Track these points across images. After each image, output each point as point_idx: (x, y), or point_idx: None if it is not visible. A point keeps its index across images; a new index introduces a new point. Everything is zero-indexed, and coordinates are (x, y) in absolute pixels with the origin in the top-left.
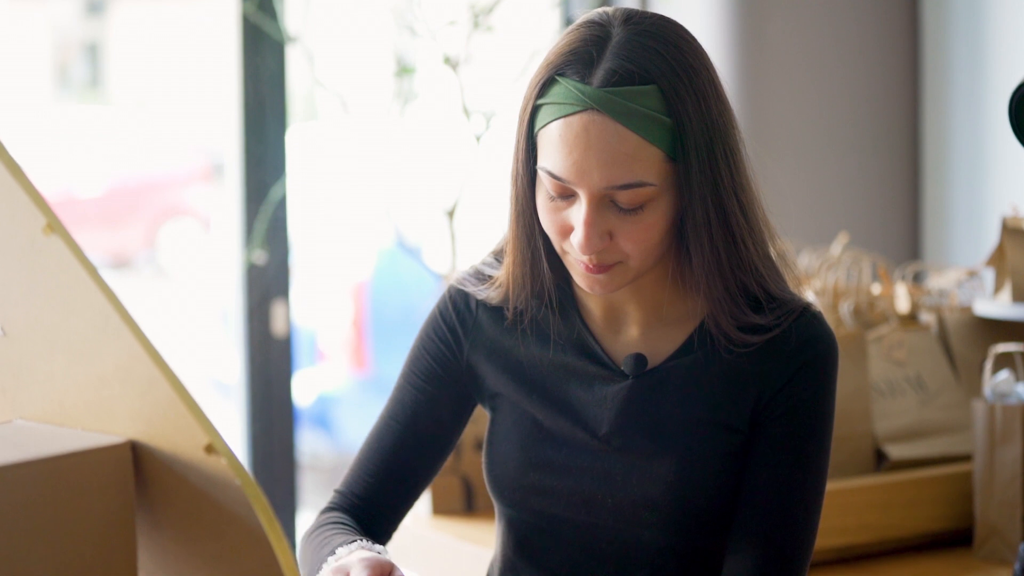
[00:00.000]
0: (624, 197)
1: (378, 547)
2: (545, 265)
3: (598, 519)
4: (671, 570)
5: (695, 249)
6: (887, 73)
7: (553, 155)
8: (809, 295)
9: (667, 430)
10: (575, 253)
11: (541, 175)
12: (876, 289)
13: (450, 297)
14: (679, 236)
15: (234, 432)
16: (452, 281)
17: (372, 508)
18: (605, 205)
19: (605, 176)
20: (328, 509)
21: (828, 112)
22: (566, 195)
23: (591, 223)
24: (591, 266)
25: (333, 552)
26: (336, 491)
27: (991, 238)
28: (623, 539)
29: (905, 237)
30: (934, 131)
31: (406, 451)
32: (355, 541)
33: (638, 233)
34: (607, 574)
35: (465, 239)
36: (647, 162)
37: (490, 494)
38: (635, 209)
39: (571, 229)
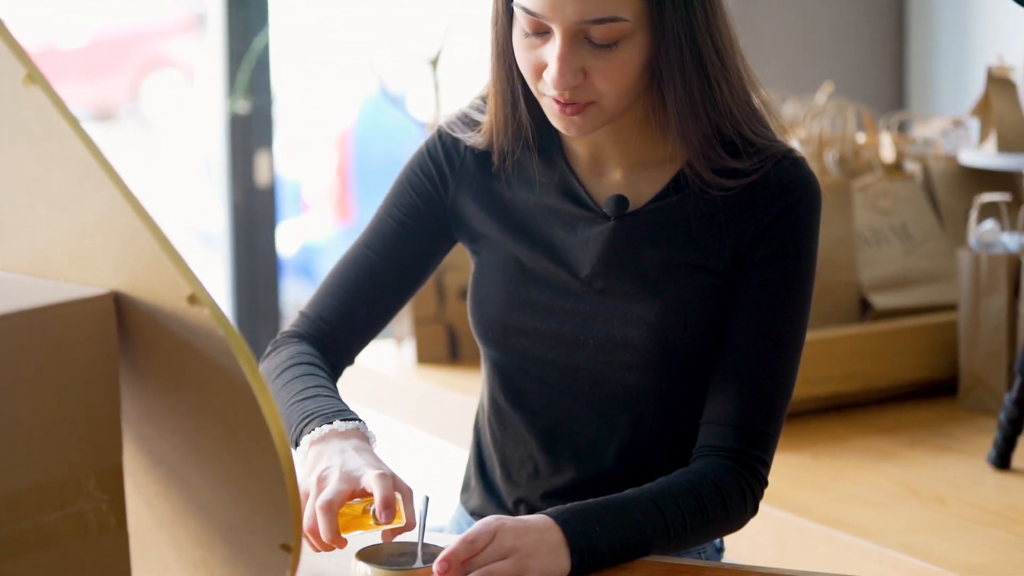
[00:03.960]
0: (598, 32)
1: (370, 430)
2: (523, 107)
3: (580, 361)
4: (652, 414)
5: (668, 90)
6: None
7: None
8: (794, 144)
9: (648, 273)
10: (549, 91)
11: (517, 12)
12: (861, 138)
13: (439, 136)
14: (654, 78)
15: (217, 283)
16: (441, 123)
17: (337, 334)
18: (579, 42)
19: (578, 10)
20: (293, 335)
21: None
22: (541, 31)
23: (564, 58)
24: (565, 105)
25: (318, 420)
26: (302, 313)
27: (976, 87)
28: (605, 381)
29: (890, 86)
30: None
31: (377, 281)
32: (354, 420)
33: (612, 71)
34: (590, 417)
35: (448, 87)
36: None
37: (475, 336)
38: (609, 46)
39: (545, 67)
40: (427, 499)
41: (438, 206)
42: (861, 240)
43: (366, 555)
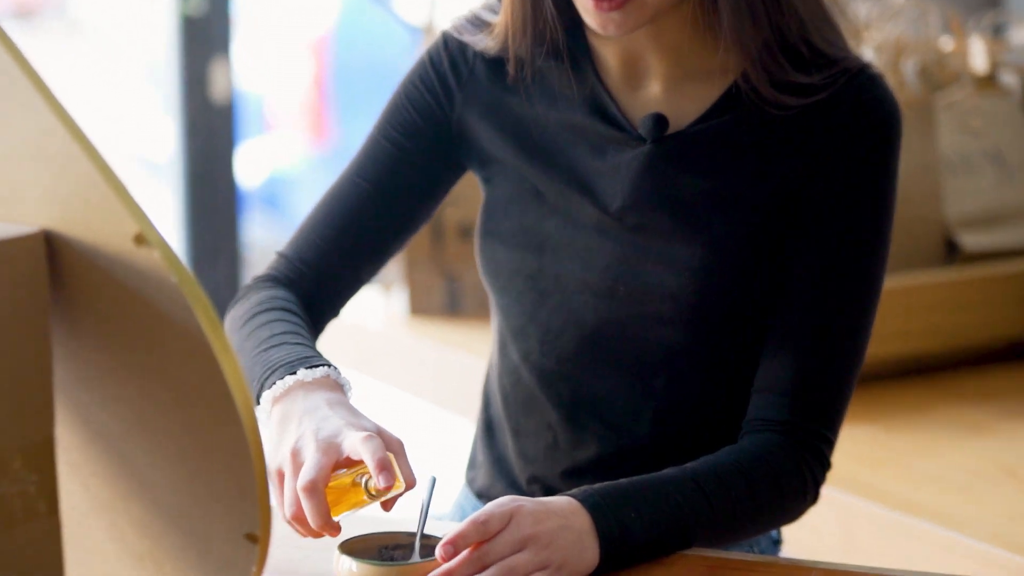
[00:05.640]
0: None
1: (342, 376)
2: (549, 3)
3: (609, 313)
4: (692, 378)
5: None
6: None
7: None
8: (867, 52)
9: (692, 207)
10: None
11: None
12: (947, 44)
13: (444, 42)
14: None
15: (168, 219)
16: (447, 27)
17: (321, 279)
18: None
19: None
20: (268, 279)
21: None
22: None
23: None
24: None
25: (280, 371)
26: (280, 255)
27: None
28: (637, 337)
29: None
30: None
31: (370, 215)
32: (321, 366)
33: None
34: (619, 381)
35: None
36: None
37: (483, 282)
38: None
39: None
40: (434, 479)
41: (442, 124)
42: (947, 168)
43: (351, 548)
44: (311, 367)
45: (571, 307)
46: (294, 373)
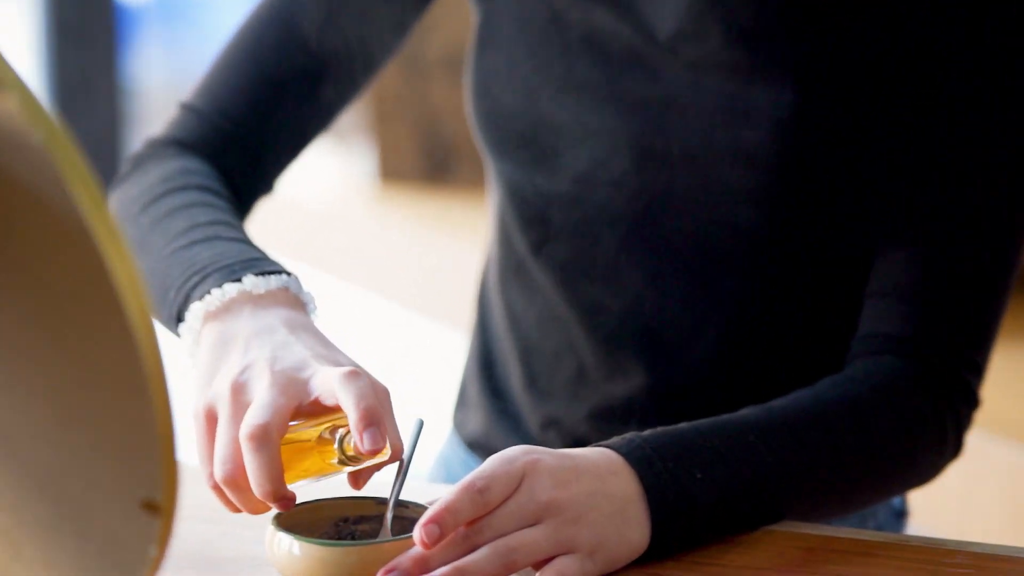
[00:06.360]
0: None
1: (305, 290)
2: None
3: (658, 184)
4: (773, 278)
5: None
6: None
7: None
8: None
9: (775, 35)
10: None
11: None
12: None
13: None
14: None
15: (21, 52)
16: None
17: (248, 139)
18: None
19: None
20: (171, 143)
21: None
22: None
23: None
24: None
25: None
26: (186, 107)
27: None
28: (697, 220)
29: None
30: None
31: (316, 46)
32: (278, 274)
33: None
34: (670, 282)
35: None
36: None
37: (477, 138)
38: None
39: None
40: (420, 423)
41: None
42: None
43: (293, 521)
44: (261, 274)
45: (602, 176)
46: (238, 280)
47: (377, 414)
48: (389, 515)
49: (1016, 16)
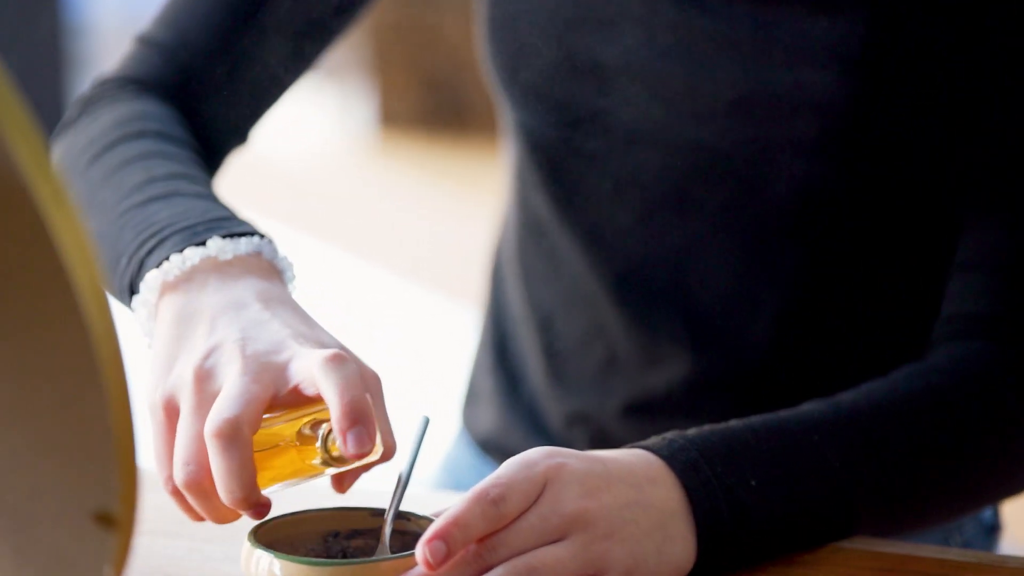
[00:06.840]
0: None
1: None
2: None
3: (704, 134)
4: (841, 248)
5: None
6: None
7: None
8: None
9: None
10: None
11: None
12: None
13: None
14: None
15: None
16: None
17: (217, 79)
18: None
19: None
20: (127, 81)
21: None
22: None
23: None
24: None
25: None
26: (143, 40)
27: None
28: (753, 178)
29: None
30: None
31: None
32: (250, 235)
33: None
34: (717, 252)
35: None
36: None
37: (493, 82)
38: None
39: None
40: (425, 421)
41: None
42: None
43: (273, 535)
44: (229, 236)
45: (642, 126)
46: (202, 244)
47: (364, 409)
48: (387, 529)
49: None
